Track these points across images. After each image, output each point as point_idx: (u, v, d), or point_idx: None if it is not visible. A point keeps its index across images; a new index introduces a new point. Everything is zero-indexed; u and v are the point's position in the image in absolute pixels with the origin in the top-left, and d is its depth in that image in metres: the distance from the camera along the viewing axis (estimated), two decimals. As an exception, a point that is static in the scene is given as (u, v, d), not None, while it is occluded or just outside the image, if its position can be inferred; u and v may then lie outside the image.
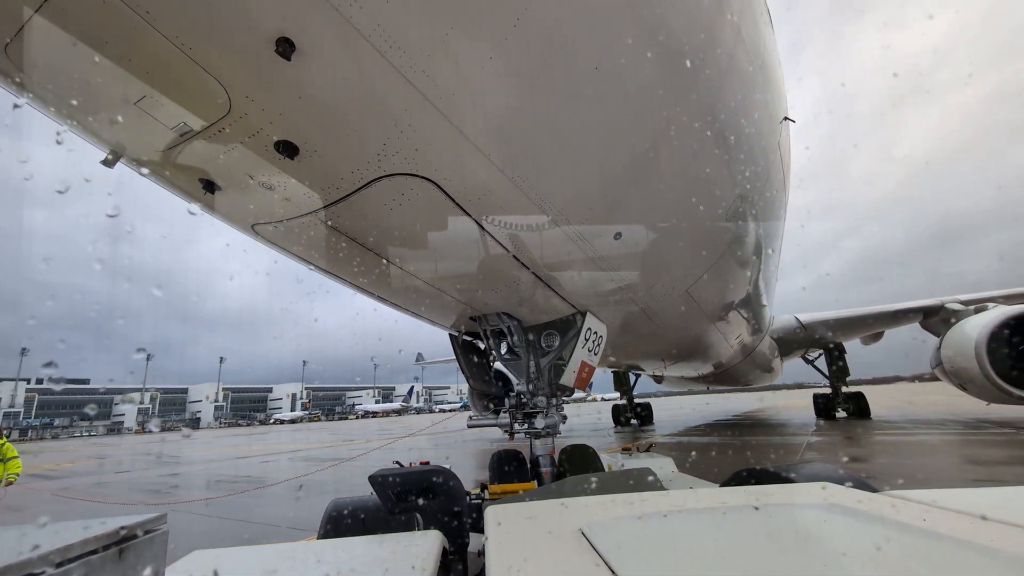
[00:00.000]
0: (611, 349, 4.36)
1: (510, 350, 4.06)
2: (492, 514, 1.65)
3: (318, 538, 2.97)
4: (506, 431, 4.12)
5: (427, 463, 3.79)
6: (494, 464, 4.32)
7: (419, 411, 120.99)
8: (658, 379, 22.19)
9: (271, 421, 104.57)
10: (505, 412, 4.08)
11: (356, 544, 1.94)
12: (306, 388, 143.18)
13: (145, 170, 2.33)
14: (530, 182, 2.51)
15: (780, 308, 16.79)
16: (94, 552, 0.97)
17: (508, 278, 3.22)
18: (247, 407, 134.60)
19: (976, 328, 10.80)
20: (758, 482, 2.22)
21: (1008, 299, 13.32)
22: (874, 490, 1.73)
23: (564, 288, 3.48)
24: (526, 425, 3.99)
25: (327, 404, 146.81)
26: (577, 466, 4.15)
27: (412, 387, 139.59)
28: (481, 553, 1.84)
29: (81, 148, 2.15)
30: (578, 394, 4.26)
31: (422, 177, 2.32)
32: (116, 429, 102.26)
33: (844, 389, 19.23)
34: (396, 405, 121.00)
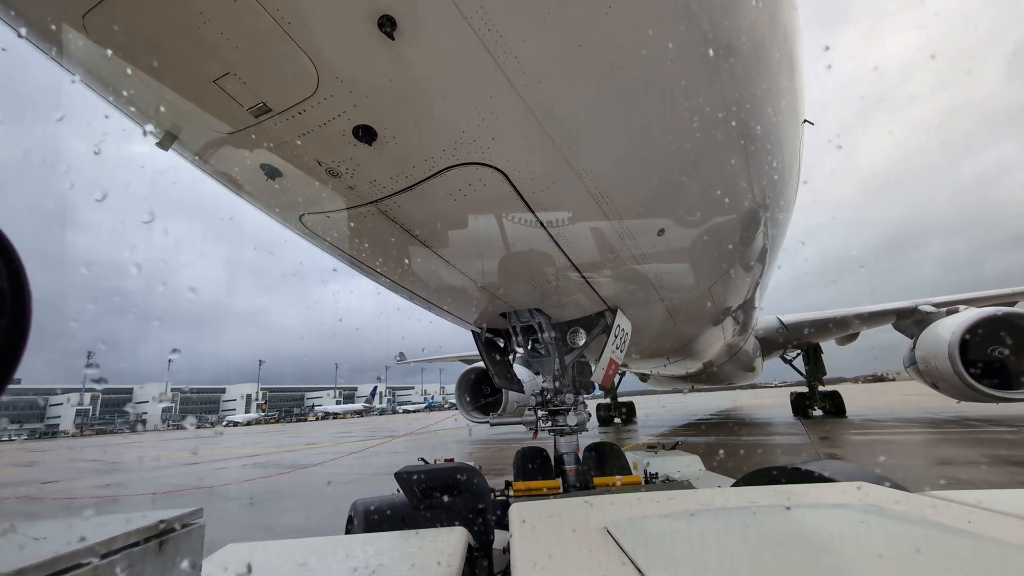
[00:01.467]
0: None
1: (534, 347, 4.03)
2: (517, 511, 1.67)
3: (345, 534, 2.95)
4: (530, 428, 4.10)
5: (451, 460, 3.74)
6: (518, 461, 4.29)
7: (382, 412, 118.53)
8: (644, 378, 22.62)
9: (223, 423, 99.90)
10: (529, 410, 4.05)
11: (384, 539, 1.95)
12: (262, 388, 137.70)
13: (198, 155, 2.16)
14: (594, 176, 2.50)
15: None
16: (136, 544, 1.00)
17: (554, 274, 3.19)
18: (198, 408, 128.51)
19: (948, 330, 11.29)
20: (785, 480, 2.21)
21: (977, 301, 14.31)
22: (907, 491, 1.70)
23: (603, 285, 3.48)
24: (550, 423, 3.98)
25: (285, 405, 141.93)
26: (602, 464, 4.16)
27: (375, 387, 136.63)
28: (506, 550, 1.84)
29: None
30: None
31: (492, 167, 2.27)
32: (52, 432, 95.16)
33: (820, 388, 20.13)
34: (358, 406, 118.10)
